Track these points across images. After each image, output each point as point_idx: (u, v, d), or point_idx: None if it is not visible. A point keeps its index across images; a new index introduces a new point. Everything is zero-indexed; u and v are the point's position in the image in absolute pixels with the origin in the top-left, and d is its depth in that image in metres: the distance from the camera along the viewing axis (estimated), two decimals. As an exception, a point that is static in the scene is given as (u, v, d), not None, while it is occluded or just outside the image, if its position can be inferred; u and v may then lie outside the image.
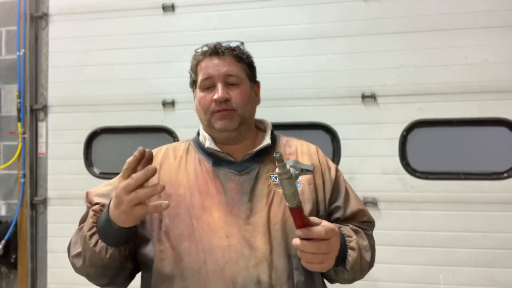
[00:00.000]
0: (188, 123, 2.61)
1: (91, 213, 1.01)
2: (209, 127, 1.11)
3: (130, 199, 0.83)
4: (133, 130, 2.74)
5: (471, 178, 2.37)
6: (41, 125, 2.85)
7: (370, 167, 2.45)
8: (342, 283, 1.09)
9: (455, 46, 2.39)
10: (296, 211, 0.87)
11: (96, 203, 1.08)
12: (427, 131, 2.45)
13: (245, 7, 2.61)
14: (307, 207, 1.05)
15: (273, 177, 1.08)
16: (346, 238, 1.03)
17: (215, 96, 1.06)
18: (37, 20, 2.87)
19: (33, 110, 2.84)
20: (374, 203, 2.43)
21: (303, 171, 0.90)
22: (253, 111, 1.15)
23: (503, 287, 2.31)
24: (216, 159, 1.11)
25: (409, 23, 2.44)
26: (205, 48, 1.11)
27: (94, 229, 0.97)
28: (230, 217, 1.02)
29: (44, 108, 2.83)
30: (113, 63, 2.73)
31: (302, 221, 0.88)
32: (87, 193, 1.15)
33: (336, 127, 2.50)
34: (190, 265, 0.99)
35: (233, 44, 1.12)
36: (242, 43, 1.14)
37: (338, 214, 1.13)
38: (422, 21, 2.43)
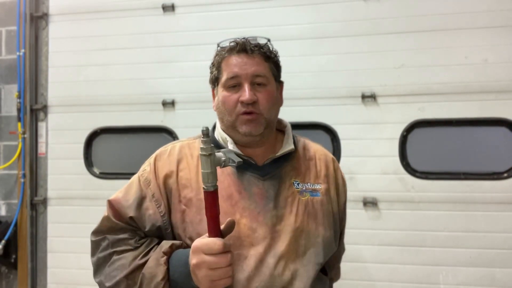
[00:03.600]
0: (188, 123, 2.61)
1: (163, 258, 0.94)
2: (231, 129, 1.05)
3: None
4: (133, 130, 2.73)
5: (471, 178, 2.37)
6: (41, 125, 2.85)
7: (370, 167, 2.45)
8: None
9: (455, 46, 2.39)
10: (208, 195, 0.85)
11: (131, 217, 1.02)
12: (427, 131, 2.44)
13: (245, 7, 2.61)
14: (326, 218, 1.06)
15: (296, 184, 1.06)
16: None
17: (243, 98, 1.00)
18: (37, 20, 2.87)
19: (33, 110, 2.84)
20: (374, 203, 2.43)
21: (229, 160, 0.86)
22: (277, 114, 1.10)
23: (503, 287, 2.31)
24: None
25: (409, 23, 2.44)
26: (232, 44, 1.05)
27: (166, 277, 0.92)
28: (256, 224, 0.99)
29: (44, 108, 2.83)
30: (113, 63, 2.73)
31: (215, 209, 0.85)
32: (112, 204, 1.05)
33: (336, 127, 2.50)
34: None
35: (261, 42, 1.06)
36: (269, 40, 1.09)
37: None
38: (422, 21, 2.43)
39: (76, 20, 2.80)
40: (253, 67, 1.02)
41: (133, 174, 1.14)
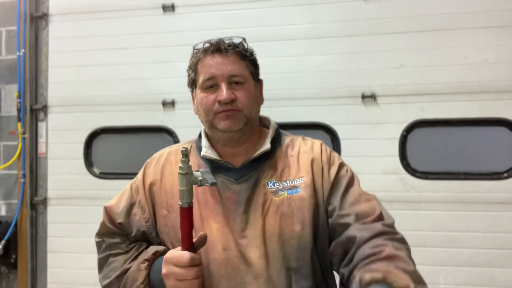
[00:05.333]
0: (188, 123, 2.61)
1: (144, 264, 0.99)
2: (211, 128, 1.04)
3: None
4: (133, 130, 2.73)
5: (471, 178, 2.37)
6: (41, 125, 2.85)
7: (370, 167, 2.44)
8: None
9: (455, 46, 2.39)
10: (183, 211, 0.90)
11: (119, 223, 1.08)
12: (427, 131, 2.44)
13: (245, 7, 2.61)
14: (306, 216, 0.99)
15: (270, 184, 1.02)
16: None
17: (220, 97, 0.98)
18: (37, 20, 2.87)
19: (33, 110, 2.84)
20: (374, 203, 2.43)
21: (204, 181, 0.91)
22: (258, 112, 1.08)
23: (503, 287, 2.31)
24: (214, 165, 1.05)
25: (409, 23, 2.44)
26: (206, 45, 1.04)
27: (146, 282, 0.98)
28: (227, 229, 0.99)
29: (44, 108, 2.83)
30: (113, 63, 2.73)
31: (188, 224, 0.90)
32: (106, 210, 1.11)
33: (336, 127, 2.50)
34: None
35: (236, 41, 1.04)
36: (244, 39, 1.07)
37: (334, 217, 0.99)
38: (422, 21, 2.43)
39: (76, 20, 2.80)
40: (229, 66, 1.00)
41: (133, 174, 1.17)
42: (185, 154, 0.89)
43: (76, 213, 2.73)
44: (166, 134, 2.69)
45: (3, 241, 2.76)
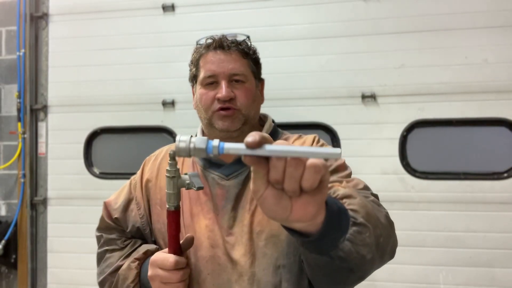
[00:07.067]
0: (188, 123, 2.61)
1: (134, 263, 1.00)
2: (209, 126, 1.04)
3: None
4: (133, 130, 2.73)
5: (471, 178, 2.37)
6: (41, 125, 2.85)
7: (370, 167, 2.44)
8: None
9: (455, 46, 2.39)
10: (170, 214, 0.90)
11: (116, 218, 1.09)
12: (427, 131, 2.44)
13: (245, 7, 2.60)
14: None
15: None
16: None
17: (219, 95, 0.98)
18: (37, 20, 2.87)
19: (33, 110, 2.84)
20: (374, 203, 2.42)
21: (192, 184, 0.89)
22: (257, 111, 1.08)
23: (503, 287, 2.31)
24: (206, 161, 1.04)
25: (409, 23, 2.44)
26: (209, 41, 1.04)
27: (136, 280, 0.99)
28: (216, 227, 0.98)
29: (44, 108, 2.83)
30: (113, 63, 2.73)
31: (175, 227, 0.90)
32: (105, 205, 1.12)
33: (336, 127, 2.50)
34: None
35: (239, 38, 1.04)
36: (248, 37, 1.07)
37: None
38: (422, 21, 2.43)
39: (76, 20, 2.80)
40: (231, 64, 1.00)
41: (133, 174, 1.17)
42: (173, 157, 0.88)
43: (76, 213, 2.73)
44: (166, 134, 2.69)
45: (3, 241, 2.75)
